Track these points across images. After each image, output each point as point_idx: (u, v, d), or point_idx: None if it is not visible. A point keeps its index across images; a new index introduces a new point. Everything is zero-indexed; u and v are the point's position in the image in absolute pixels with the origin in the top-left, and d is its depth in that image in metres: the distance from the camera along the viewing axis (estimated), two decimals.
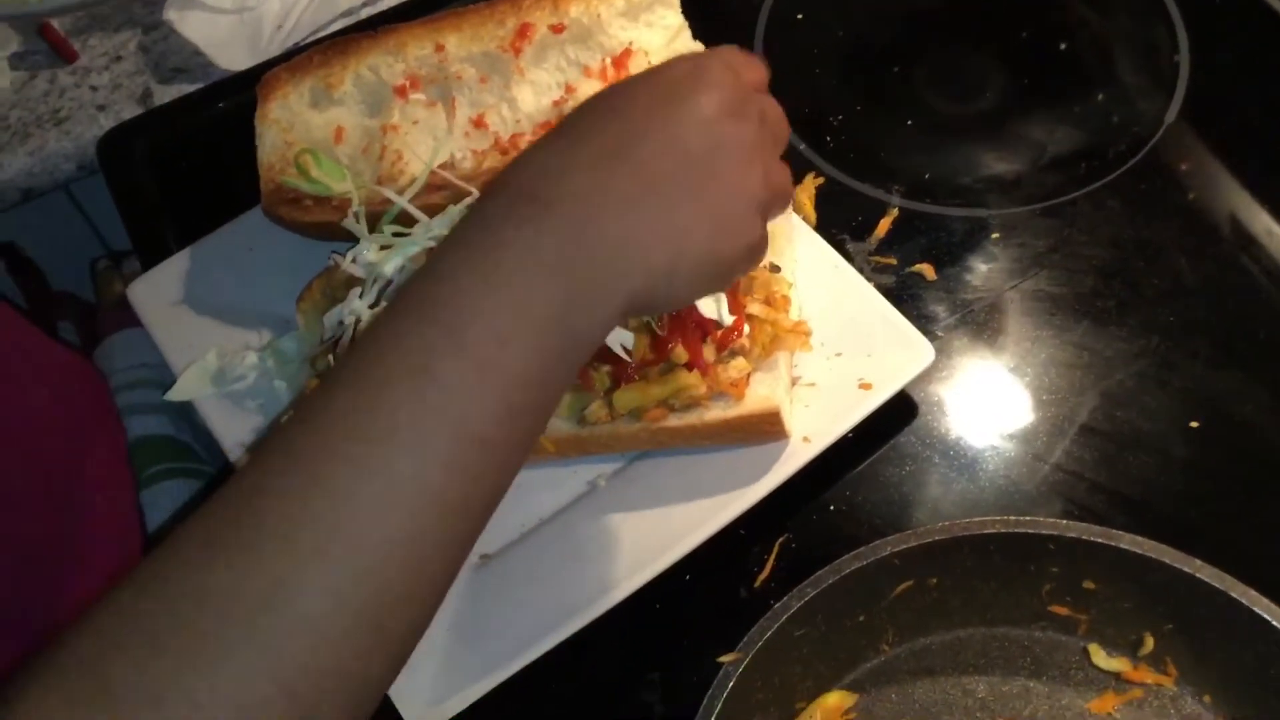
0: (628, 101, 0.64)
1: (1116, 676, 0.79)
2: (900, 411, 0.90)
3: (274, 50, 1.15)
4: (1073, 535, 0.76)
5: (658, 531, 0.83)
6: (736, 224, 0.64)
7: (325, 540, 0.52)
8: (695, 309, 0.80)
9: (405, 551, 0.54)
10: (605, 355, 0.82)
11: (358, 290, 0.83)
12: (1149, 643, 0.78)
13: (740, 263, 0.66)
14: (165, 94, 1.16)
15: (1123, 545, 0.75)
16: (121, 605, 0.51)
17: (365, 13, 1.19)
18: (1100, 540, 0.75)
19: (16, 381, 0.90)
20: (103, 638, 0.51)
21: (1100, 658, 0.79)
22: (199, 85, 1.16)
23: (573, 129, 0.64)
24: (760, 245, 0.67)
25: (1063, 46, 1.10)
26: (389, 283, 0.83)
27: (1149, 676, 0.78)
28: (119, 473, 0.98)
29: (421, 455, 0.54)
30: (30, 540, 0.87)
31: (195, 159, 1.09)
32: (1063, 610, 0.79)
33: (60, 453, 0.92)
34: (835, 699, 0.79)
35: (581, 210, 0.59)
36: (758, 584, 0.84)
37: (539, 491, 0.88)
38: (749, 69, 0.68)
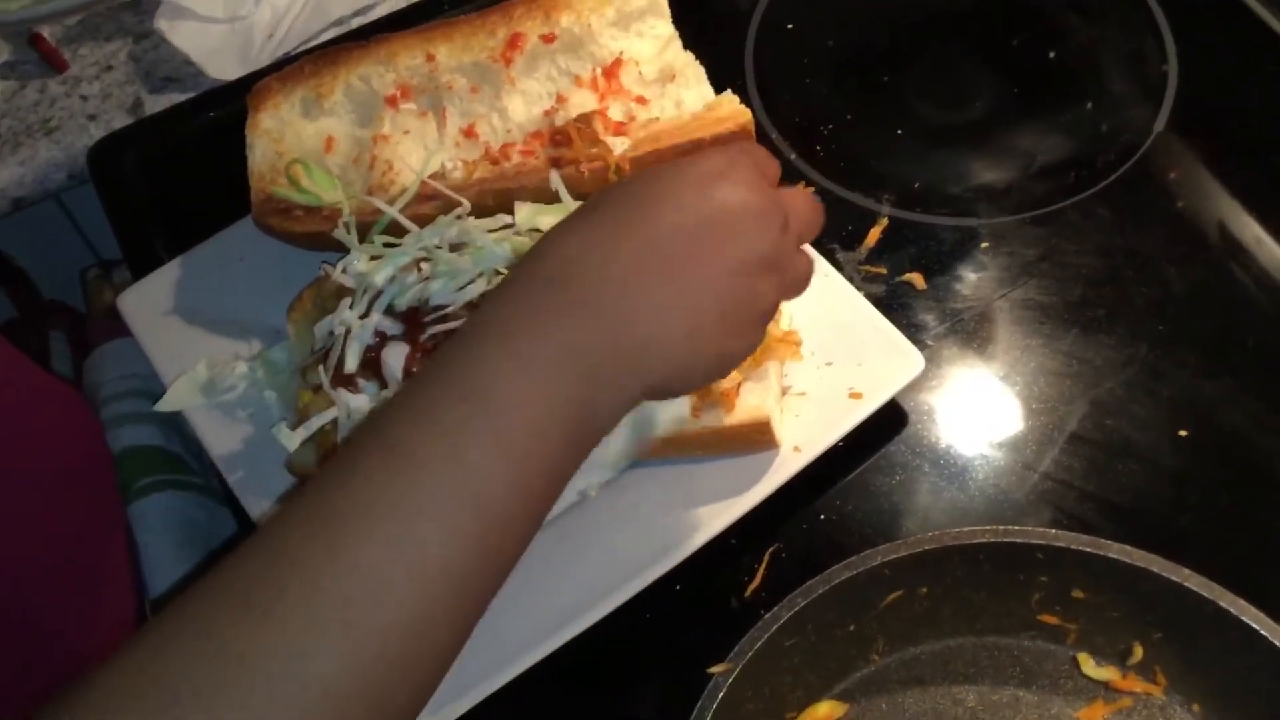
0: (665, 192, 0.66)
1: (1106, 685, 0.79)
2: (890, 420, 0.90)
3: (265, 60, 1.15)
4: (1061, 544, 0.76)
5: (648, 541, 0.83)
6: (748, 330, 0.67)
7: (347, 614, 0.53)
8: None
9: (422, 626, 0.55)
10: None
11: (348, 300, 0.83)
12: (1138, 652, 0.78)
13: (740, 360, 0.69)
14: (156, 103, 1.16)
15: (1111, 554, 0.75)
16: (138, 659, 0.52)
17: (356, 22, 1.19)
18: (1089, 549, 0.76)
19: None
20: (117, 690, 0.51)
21: (1089, 667, 0.79)
22: (190, 94, 1.16)
23: (610, 212, 0.65)
24: (759, 343, 0.70)
25: (1052, 55, 1.11)
26: (379, 293, 0.83)
27: (1138, 685, 0.79)
28: (108, 506, 0.98)
29: (448, 538, 0.56)
30: (17, 575, 0.86)
31: (186, 168, 1.09)
32: (1052, 619, 0.80)
33: (48, 485, 0.92)
34: (826, 709, 0.79)
35: (616, 309, 0.61)
36: (748, 594, 0.85)
37: None
38: (770, 166, 0.70)
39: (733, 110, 0.91)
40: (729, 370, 0.69)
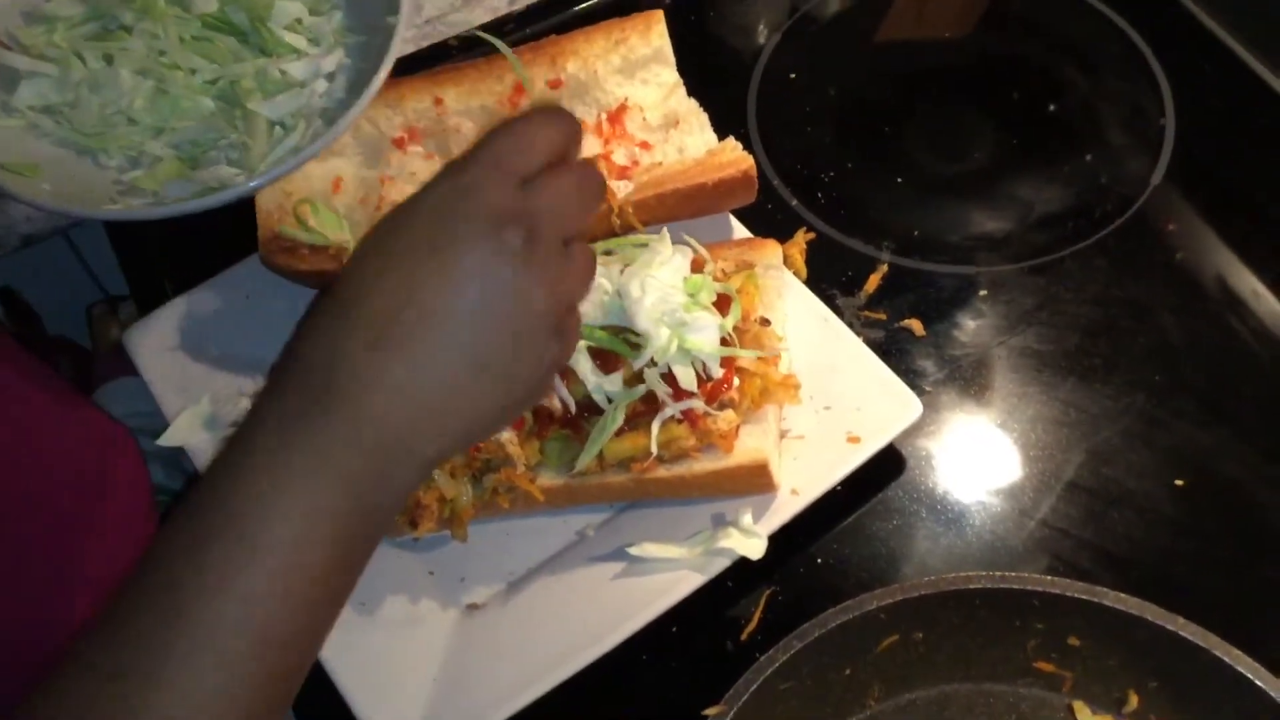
0: (399, 243, 0.63)
1: None
2: (888, 465, 0.91)
3: None
4: (1057, 591, 0.76)
5: (645, 583, 0.83)
6: (524, 359, 0.64)
7: None
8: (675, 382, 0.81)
9: None
10: (592, 407, 0.82)
11: None
12: (1133, 700, 0.78)
13: (544, 377, 0.66)
14: None
15: (1107, 602, 0.75)
16: None
17: None
18: (1085, 597, 0.76)
19: (20, 419, 0.91)
20: None
21: (1085, 715, 0.79)
22: None
23: (351, 289, 0.63)
24: (566, 338, 0.66)
25: (1051, 108, 1.12)
26: None
27: None
28: (137, 503, 0.98)
29: (226, 672, 0.57)
30: (37, 579, 0.87)
31: None
32: (1048, 667, 0.80)
33: (69, 490, 0.92)
34: None
35: (363, 403, 0.60)
36: (744, 636, 0.85)
37: (527, 540, 0.88)
38: (523, 154, 0.64)
39: (735, 157, 0.93)
40: (532, 397, 0.67)
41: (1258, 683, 0.72)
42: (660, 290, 0.81)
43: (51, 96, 0.86)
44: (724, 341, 0.83)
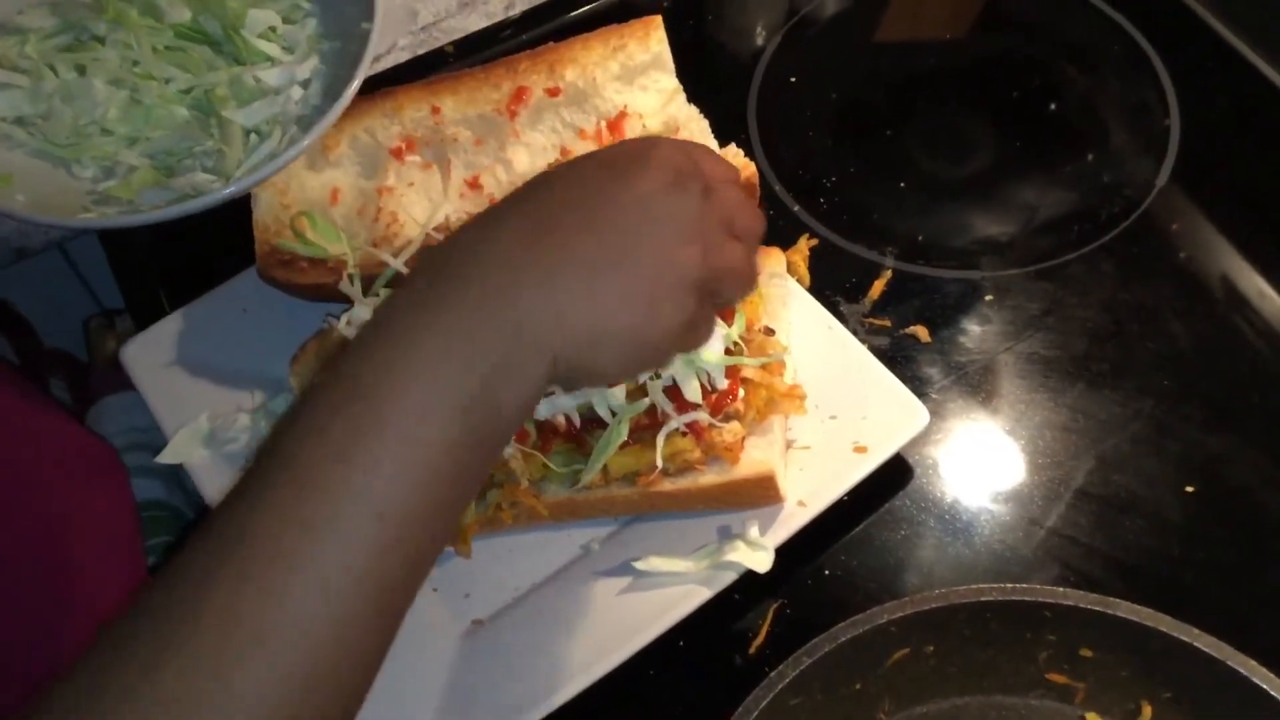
0: (571, 175, 0.65)
1: None
2: (895, 475, 0.90)
3: None
4: (1069, 603, 0.75)
5: (651, 597, 0.82)
6: (663, 300, 0.63)
7: (260, 633, 0.53)
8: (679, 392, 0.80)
9: (338, 633, 0.55)
10: (596, 420, 0.82)
11: None
12: (1147, 711, 0.78)
13: (672, 342, 0.65)
14: None
15: (1119, 613, 0.75)
16: (57, 702, 0.52)
17: None
18: (1097, 608, 0.75)
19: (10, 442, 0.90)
20: None
21: None
22: None
23: (511, 202, 0.64)
24: (699, 326, 0.66)
25: (1053, 108, 1.11)
26: None
27: None
28: (123, 525, 0.97)
29: (348, 542, 0.55)
30: (25, 599, 0.86)
31: (190, 219, 1.09)
32: (1060, 678, 0.79)
33: (57, 511, 0.91)
34: None
35: (498, 282, 0.59)
36: (752, 650, 0.84)
37: (532, 555, 0.87)
38: (709, 160, 0.68)
39: (737, 164, 0.92)
40: (655, 357, 0.65)
41: (1273, 694, 0.71)
42: None
43: (24, 108, 0.85)
44: (728, 352, 0.82)
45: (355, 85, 0.84)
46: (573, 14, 1.18)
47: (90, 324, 1.26)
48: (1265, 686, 0.72)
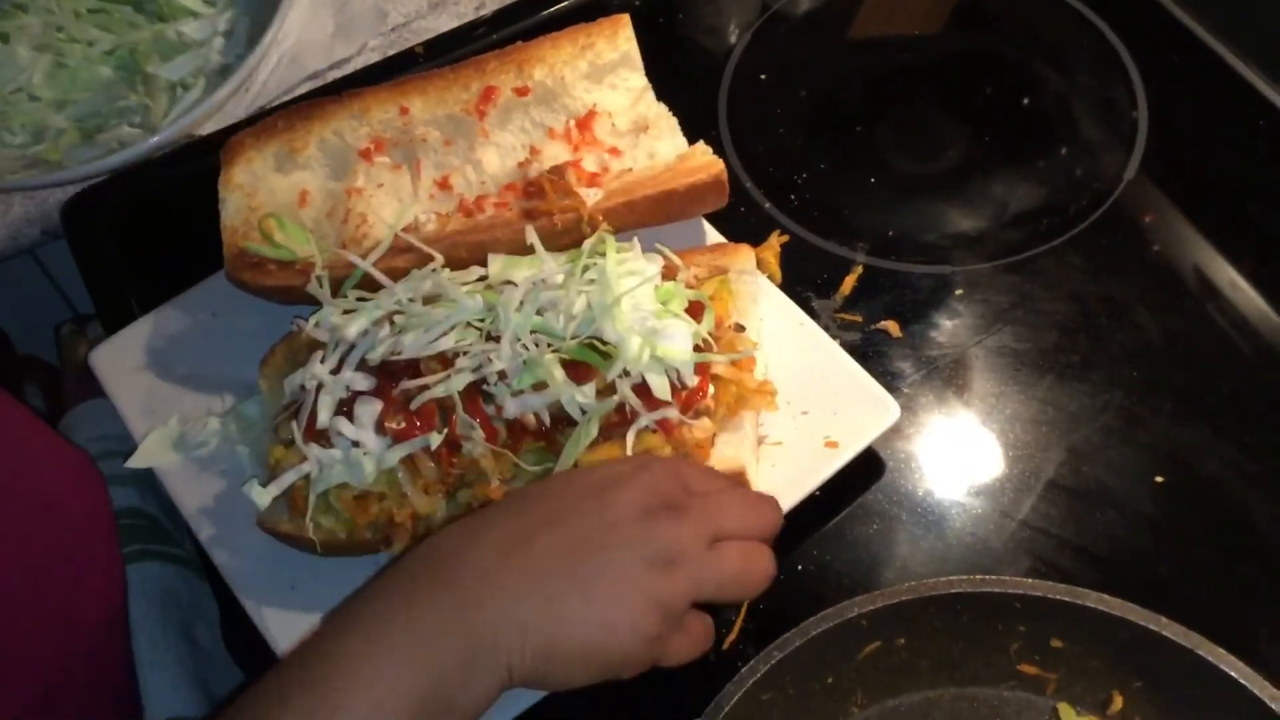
0: (556, 491, 0.72)
1: None
2: (867, 469, 0.90)
3: (240, 114, 1.15)
4: (1039, 594, 0.75)
5: None
6: (619, 621, 0.68)
7: None
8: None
9: None
10: (565, 419, 0.81)
11: (319, 355, 0.83)
12: (1118, 701, 0.78)
13: (633, 659, 0.69)
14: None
15: (1089, 604, 0.75)
16: None
17: (331, 75, 1.19)
18: (1067, 599, 0.75)
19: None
20: None
21: (1070, 716, 0.79)
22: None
23: (499, 511, 0.71)
24: (667, 641, 0.70)
25: (1025, 102, 1.11)
26: (351, 347, 0.82)
27: None
28: (100, 534, 0.96)
29: None
30: (2, 609, 0.86)
31: (159, 224, 1.09)
32: (1031, 669, 0.79)
33: (34, 520, 0.91)
34: None
35: (470, 591, 0.66)
36: (726, 645, 0.84)
37: None
38: (701, 478, 0.74)
39: (705, 161, 0.92)
40: (617, 669, 0.70)
41: (1241, 681, 0.72)
42: (631, 299, 0.80)
43: None
44: (698, 349, 0.82)
45: (274, 30, 0.86)
46: (544, 13, 1.18)
47: (61, 330, 1.25)
48: (1234, 674, 0.72)
